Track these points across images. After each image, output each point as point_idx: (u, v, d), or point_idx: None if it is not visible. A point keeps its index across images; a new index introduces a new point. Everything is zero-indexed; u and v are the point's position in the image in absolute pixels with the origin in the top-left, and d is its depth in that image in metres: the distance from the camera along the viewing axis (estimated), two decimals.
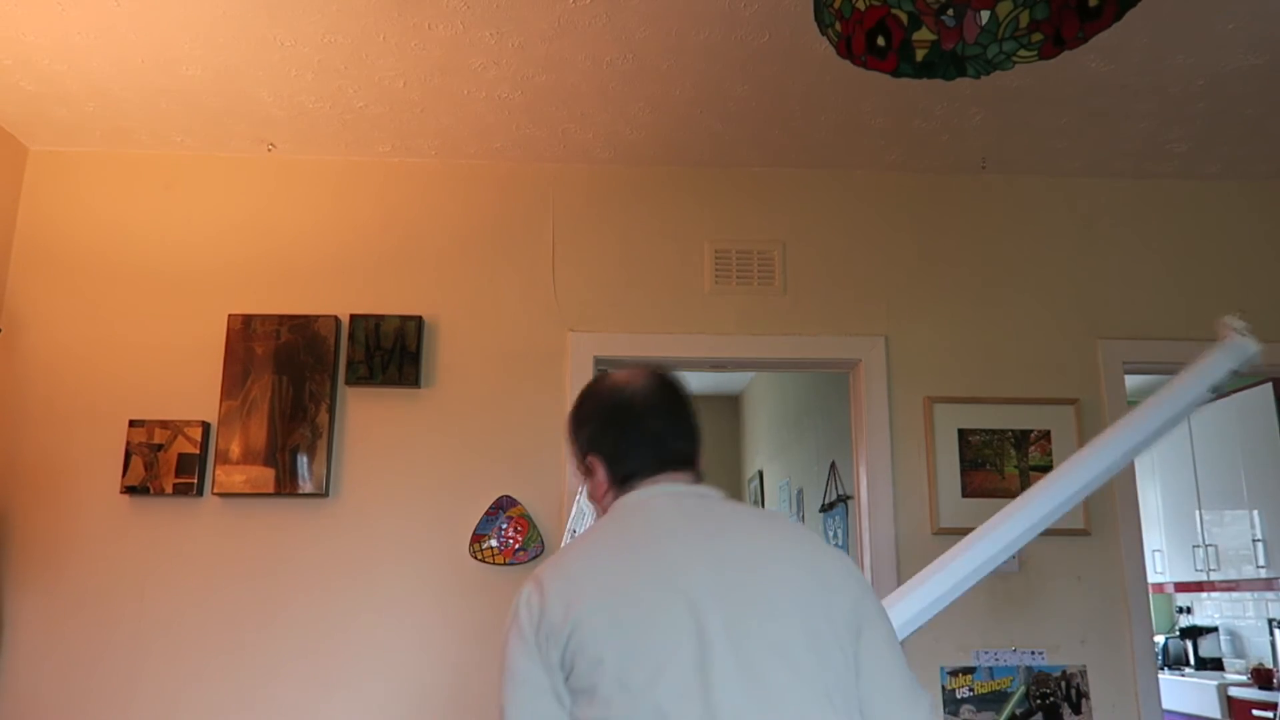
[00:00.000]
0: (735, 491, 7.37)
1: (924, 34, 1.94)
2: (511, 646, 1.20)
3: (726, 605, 1.16)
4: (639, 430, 1.36)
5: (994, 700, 2.86)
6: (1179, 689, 5.19)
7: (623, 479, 1.34)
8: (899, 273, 3.15)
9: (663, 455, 1.34)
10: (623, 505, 1.31)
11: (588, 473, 1.39)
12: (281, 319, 2.96)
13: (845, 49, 2.05)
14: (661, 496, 1.30)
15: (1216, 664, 5.55)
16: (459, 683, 2.79)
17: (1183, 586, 5.60)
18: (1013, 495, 2.99)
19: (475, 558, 2.86)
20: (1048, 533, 2.93)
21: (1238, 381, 5.01)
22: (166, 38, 2.49)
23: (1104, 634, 2.91)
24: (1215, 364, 2.03)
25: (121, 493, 2.85)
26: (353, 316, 2.98)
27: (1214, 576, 5.23)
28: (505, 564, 2.85)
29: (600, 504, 1.38)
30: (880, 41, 1.98)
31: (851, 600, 1.23)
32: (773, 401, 6.01)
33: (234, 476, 2.85)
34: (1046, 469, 3.00)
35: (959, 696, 2.86)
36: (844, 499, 4.39)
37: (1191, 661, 5.60)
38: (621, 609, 1.16)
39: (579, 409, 1.43)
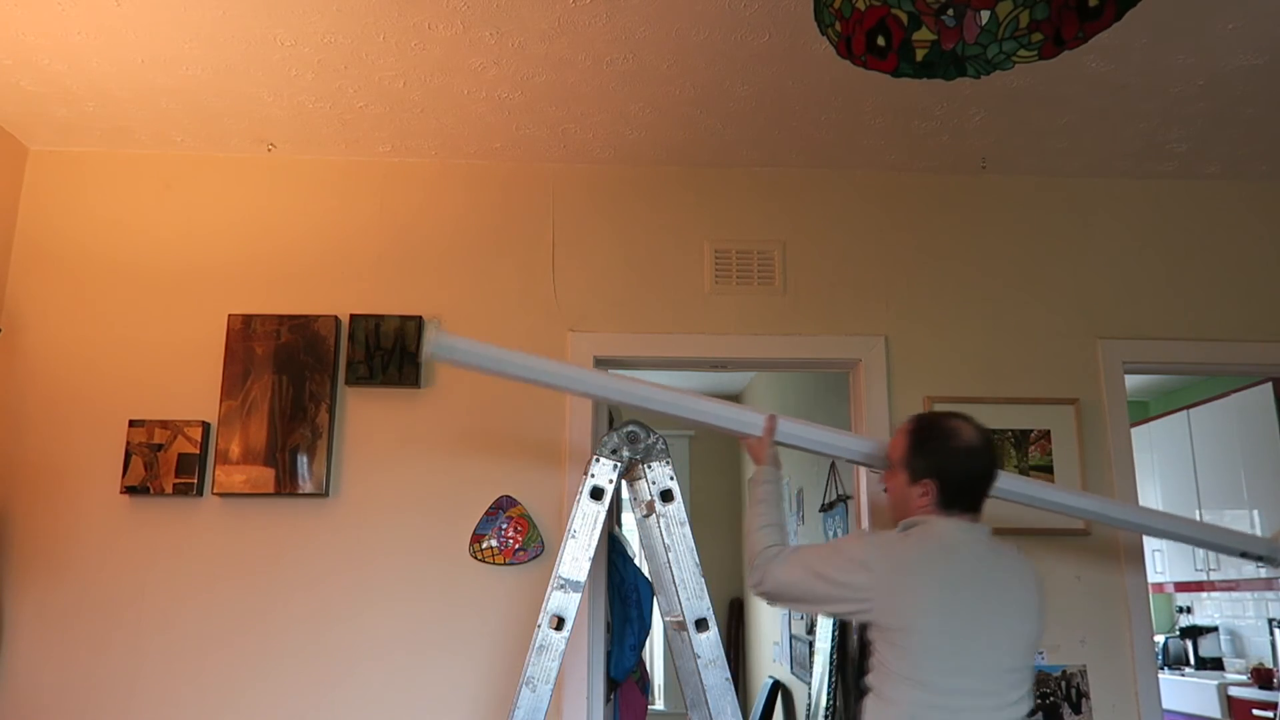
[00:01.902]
0: (736, 491, 7.38)
1: (924, 34, 1.94)
2: (851, 559, 1.88)
3: (991, 615, 1.85)
4: (980, 488, 1.96)
5: None
6: (1179, 689, 5.19)
7: (945, 507, 1.93)
8: (899, 273, 3.15)
9: (975, 506, 1.96)
10: (946, 526, 1.92)
11: (911, 485, 1.96)
12: (281, 319, 2.96)
13: (845, 49, 2.05)
14: (963, 530, 1.93)
15: (1216, 664, 5.55)
16: (459, 682, 2.79)
17: (1183, 586, 5.60)
18: None
19: (475, 558, 2.86)
20: (1048, 533, 2.95)
21: (1237, 381, 5.02)
22: (166, 37, 2.49)
23: (1104, 634, 2.91)
24: (1257, 547, 2.51)
25: (121, 493, 2.85)
26: (353, 316, 2.98)
27: (1214, 576, 5.23)
28: (505, 564, 2.86)
29: (908, 509, 1.97)
30: (880, 41, 1.98)
31: (1035, 627, 1.92)
32: (773, 401, 6.01)
33: (234, 476, 2.85)
34: (1047, 469, 3.00)
35: None
36: (844, 499, 4.39)
37: (1191, 661, 5.60)
38: (938, 597, 1.83)
39: (945, 440, 1.96)
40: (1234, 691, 4.81)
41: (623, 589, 3.22)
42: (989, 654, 1.83)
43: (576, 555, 2.03)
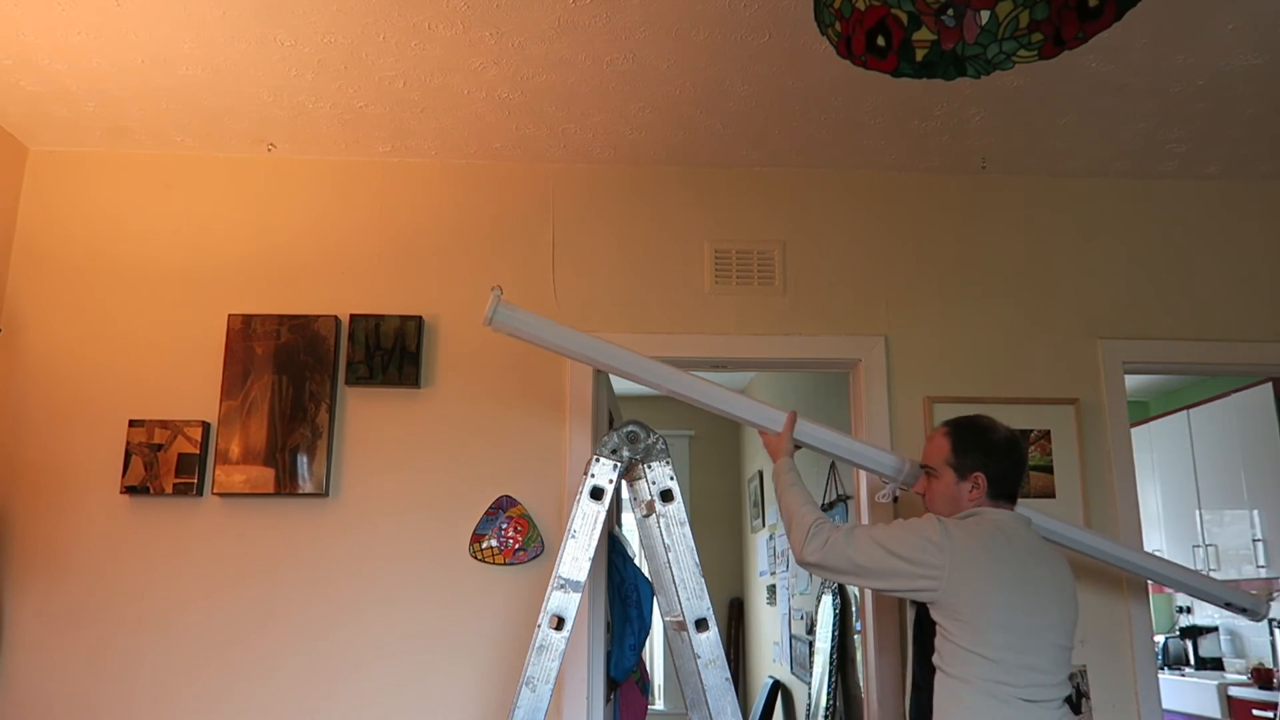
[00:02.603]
0: (736, 491, 7.38)
1: (924, 34, 1.94)
2: (926, 538, 2.00)
3: (1033, 584, 1.99)
4: (1018, 476, 2.16)
5: None
6: (1179, 689, 5.19)
7: (993, 498, 2.12)
8: (899, 273, 3.15)
9: (1014, 496, 2.16)
10: (997, 514, 2.09)
11: (961, 482, 2.13)
12: (281, 319, 2.96)
13: (845, 49, 2.05)
14: (1013, 518, 2.10)
15: (1216, 664, 5.55)
16: (459, 682, 2.79)
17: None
18: None
19: (475, 558, 2.86)
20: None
21: (1237, 381, 5.01)
22: (166, 37, 2.49)
23: (1104, 634, 2.91)
24: (1241, 600, 2.64)
25: (121, 493, 2.85)
26: (353, 316, 2.98)
27: (1214, 576, 5.23)
28: (505, 564, 2.86)
29: (959, 505, 2.13)
30: (880, 41, 1.98)
31: (1076, 610, 2.07)
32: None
33: (234, 476, 2.85)
34: (1047, 469, 3.00)
35: None
36: (844, 499, 4.39)
37: (1191, 661, 5.60)
38: (1002, 569, 1.98)
39: (982, 435, 2.15)
40: (1234, 691, 4.81)
41: (622, 589, 3.22)
42: (1048, 633, 1.97)
43: (577, 555, 2.03)
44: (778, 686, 5.86)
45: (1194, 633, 5.66)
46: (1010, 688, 1.91)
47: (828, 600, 4.71)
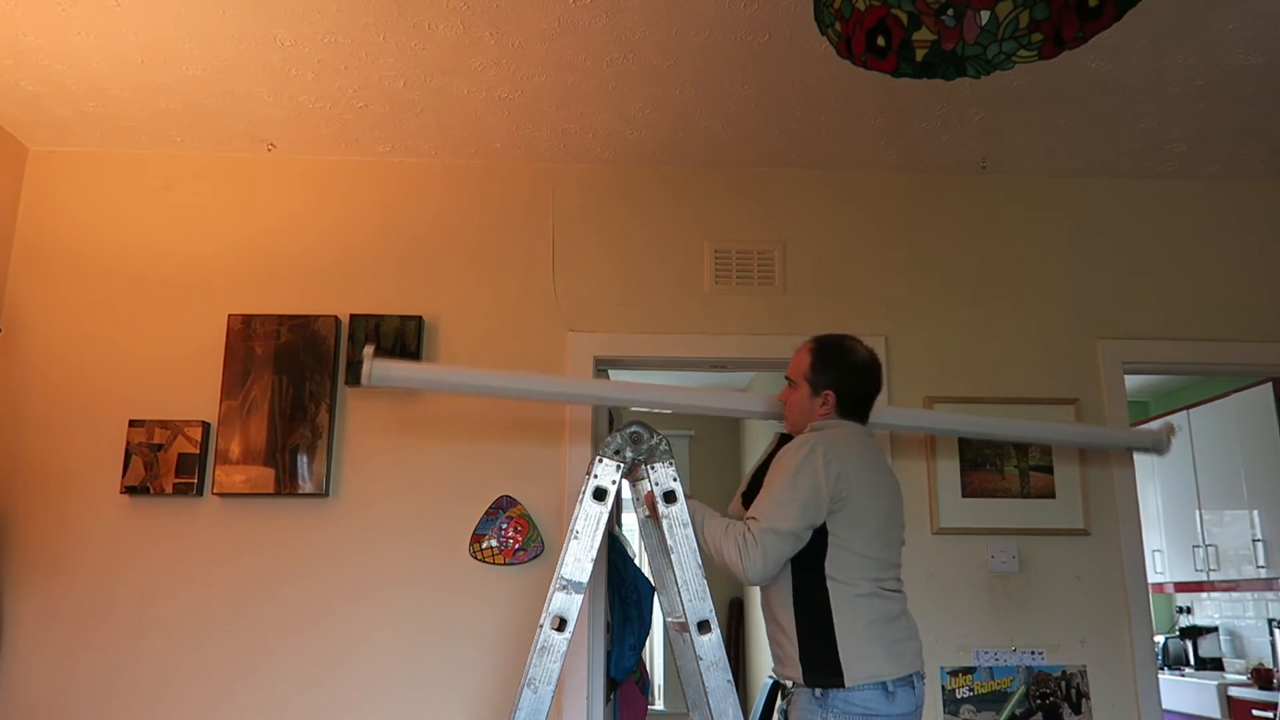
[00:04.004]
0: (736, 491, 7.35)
1: (924, 34, 1.93)
2: (811, 465, 2.05)
3: (888, 490, 2.18)
4: (870, 399, 2.28)
5: (994, 700, 2.86)
6: (1179, 689, 5.18)
7: (843, 414, 2.23)
8: (899, 273, 3.15)
9: (864, 416, 2.28)
10: (852, 434, 2.19)
11: (815, 393, 2.24)
12: (281, 319, 2.96)
13: (845, 49, 2.05)
14: (862, 434, 2.23)
15: (1216, 664, 5.55)
16: (459, 682, 2.79)
17: (1183, 586, 5.60)
18: (1013, 495, 2.99)
19: (475, 558, 2.86)
20: (1048, 533, 2.94)
21: (1237, 381, 5.01)
22: (166, 37, 2.49)
23: (1104, 634, 2.91)
24: (1142, 441, 2.82)
25: (121, 493, 2.84)
26: (353, 316, 2.98)
27: (1214, 576, 5.22)
28: (505, 564, 2.85)
29: (811, 417, 2.24)
30: (880, 41, 1.97)
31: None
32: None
33: (234, 476, 2.85)
34: (1047, 469, 3.00)
35: (959, 696, 2.86)
36: None
37: (1191, 661, 5.60)
38: (870, 476, 2.12)
39: (845, 360, 2.25)
40: (1234, 692, 4.80)
41: (622, 589, 3.22)
42: (898, 530, 2.19)
43: (579, 556, 2.03)
44: (778, 686, 5.86)
45: (1194, 633, 5.66)
46: (880, 583, 2.08)
47: None
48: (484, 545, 2.86)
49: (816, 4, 2.02)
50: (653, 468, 2.11)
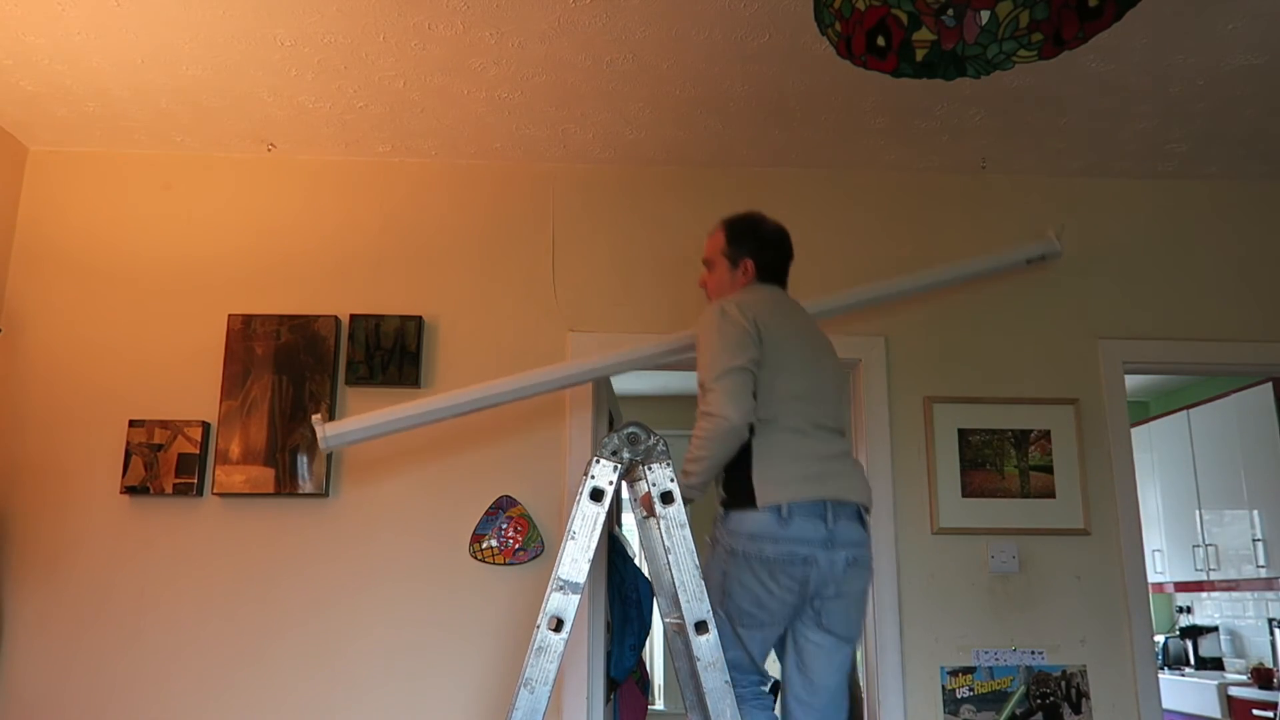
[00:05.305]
0: None
1: (924, 34, 1.93)
2: (729, 319, 2.15)
3: (811, 336, 2.29)
4: (785, 263, 2.40)
5: (994, 700, 2.86)
6: (1179, 689, 5.18)
7: (762, 281, 2.35)
8: (899, 273, 3.15)
9: (783, 282, 2.40)
10: (767, 289, 2.32)
11: (734, 266, 2.36)
12: (281, 319, 2.96)
13: (845, 49, 2.05)
14: (779, 291, 2.36)
15: (1216, 664, 5.55)
16: (459, 682, 2.79)
17: (1183, 586, 5.60)
18: (1013, 495, 2.99)
19: (475, 558, 2.86)
20: (1048, 533, 2.94)
21: (1237, 381, 5.01)
22: (166, 37, 2.49)
23: (1104, 634, 2.91)
24: (1035, 250, 3.03)
25: (121, 493, 2.85)
26: (353, 316, 2.98)
27: (1214, 576, 5.22)
28: (505, 564, 2.85)
29: (735, 288, 2.34)
30: (880, 41, 1.97)
31: (842, 374, 2.42)
32: None
33: (234, 476, 2.85)
34: (1046, 469, 3.00)
35: (959, 696, 2.86)
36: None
37: (1191, 661, 5.60)
38: (788, 324, 2.24)
39: (756, 230, 2.38)
40: (1234, 691, 4.80)
41: (622, 589, 3.23)
42: (831, 375, 2.28)
43: (576, 557, 2.03)
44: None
45: (1194, 633, 5.66)
46: (811, 420, 2.16)
47: None
48: (484, 545, 2.86)
49: (816, 4, 2.02)
50: (650, 468, 2.11)
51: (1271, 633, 5.05)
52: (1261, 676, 4.82)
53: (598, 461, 2.10)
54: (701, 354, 2.16)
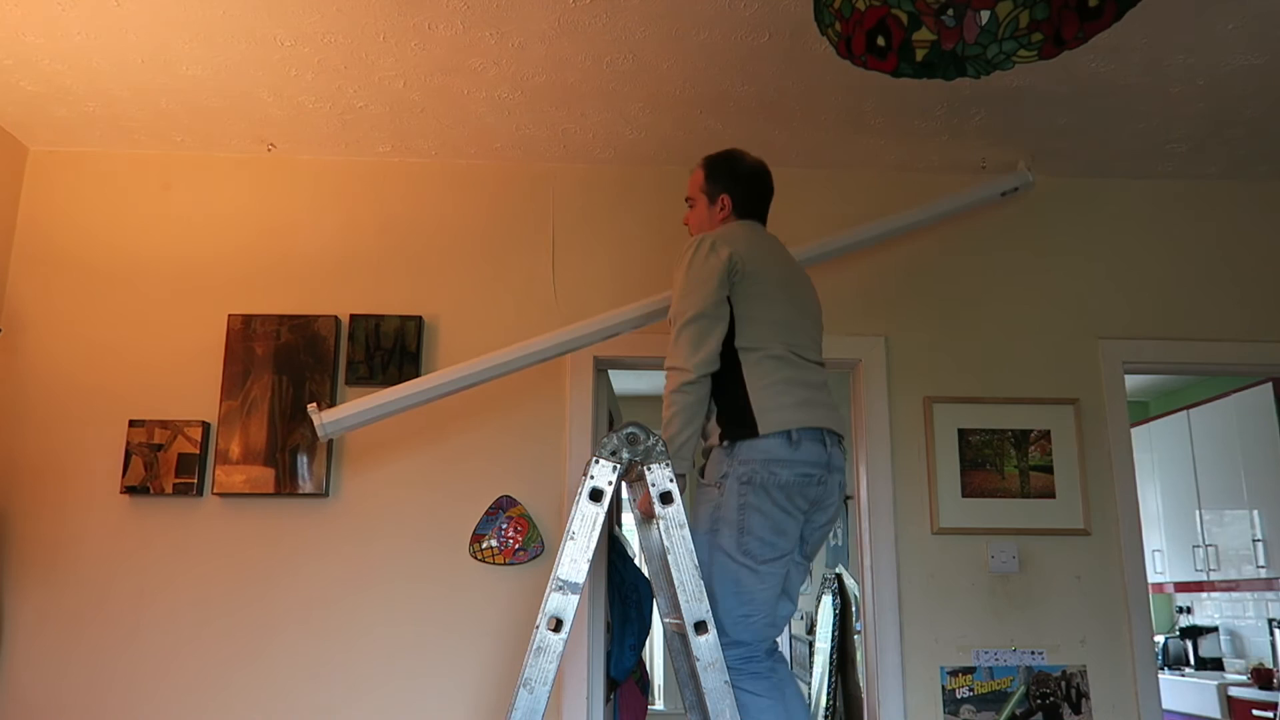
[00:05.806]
0: None
1: (924, 34, 1.94)
2: (699, 252, 2.20)
3: (789, 268, 2.32)
4: (763, 198, 2.41)
5: (994, 700, 2.86)
6: (1179, 689, 5.18)
7: (740, 216, 2.38)
8: (899, 273, 3.15)
9: (762, 217, 2.42)
10: (745, 224, 2.34)
11: (712, 202, 2.39)
12: (281, 319, 2.96)
13: (845, 49, 2.05)
14: (757, 226, 2.37)
15: (1216, 664, 5.55)
16: (459, 682, 2.79)
17: (1183, 586, 5.60)
18: (1013, 495, 2.99)
19: (475, 558, 2.86)
20: (1048, 533, 2.94)
21: (1237, 381, 5.01)
22: (166, 37, 2.49)
23: (1104, 634, 2.91)
24: (1007, 184, 3.04)
25: (121, 493, 2.85)
26: (353, 316, 2.98)
27: (1214, 576, 5.22)
28: (505, 564, 2.86)
29: (715, 224, 2.38)
30: (880, 41, 1.98)
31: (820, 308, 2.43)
32: None
33: (234, 476, 2.85)
34: (1046, 469, 3.00)
35: (959, 696, 2.86)
36: (844, 498, 4.39)
37: (1191, 661, 5.60)
38: (768, 257, 2.27)
39: (733, 166, 2.38)
40: (1234, 692, 4.80)
41: (622, 589, 3.22)
42: (811, 307, 2.33)
43: (575, 557, 2.03)
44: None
45: (1194, 633, 5.66)
46: (794, 348, 2.20)
47: (827, 600, 4.72)
48: (484, 545, 2.86)
49: (816, 4, 2.02)
50: (649, 469, 2.11)
51: (1271, 633, 5.05)
52: (1261, 677, 4.82)
53: (597, 462, 2.10)
54: (674, 290, 2.24)
